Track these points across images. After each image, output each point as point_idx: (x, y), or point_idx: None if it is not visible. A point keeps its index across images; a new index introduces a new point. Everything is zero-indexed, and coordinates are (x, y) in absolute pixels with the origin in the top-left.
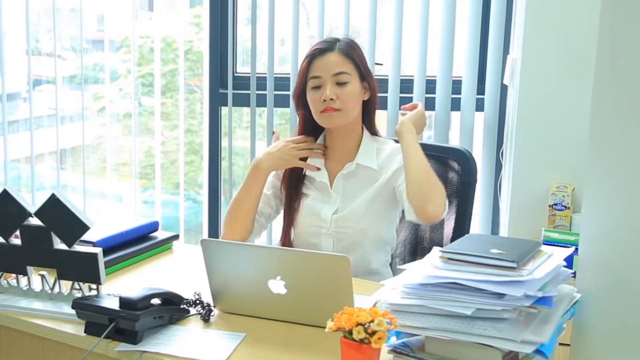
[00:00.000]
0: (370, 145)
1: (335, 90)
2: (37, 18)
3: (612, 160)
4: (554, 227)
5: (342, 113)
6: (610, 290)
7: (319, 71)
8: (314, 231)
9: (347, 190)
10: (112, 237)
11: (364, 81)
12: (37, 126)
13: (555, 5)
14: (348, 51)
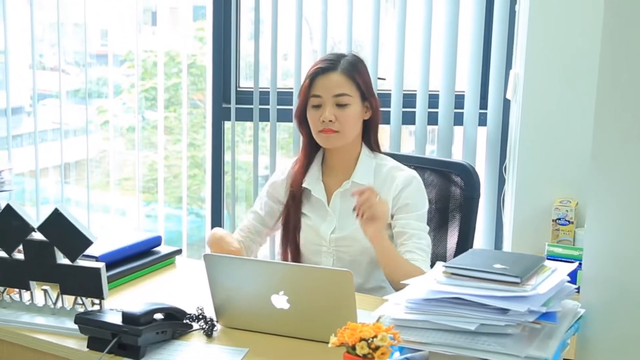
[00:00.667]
0: (368, 162)
1: (334, 111)
2: (41, 33)
3: (615, 175)
4: (558, 241)
5: (340, 135)
6: (614, 305)
7: (320, 90)
8: (315, 249)
9: (343, 209)
10: (114, 252)
11: (365, 101)
12: (41, 140)
13: (557, 21)
14: (351, 71)
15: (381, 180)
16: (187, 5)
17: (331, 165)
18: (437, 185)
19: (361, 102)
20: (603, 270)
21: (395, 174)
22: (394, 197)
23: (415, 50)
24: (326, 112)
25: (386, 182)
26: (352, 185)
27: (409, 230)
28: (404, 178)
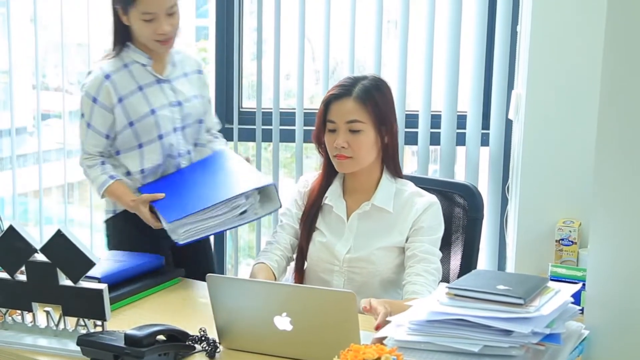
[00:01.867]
0: (389, 186)
1: (347, 137)
2: (44, 53)
3: (618, 195)
4: (561, 262)
5: (354, 160)
6: (618, 326)
7: (334, 116)
8: (326, 267)
9: (361, 231)
10: (117, 273)
11: (382, 126)
12: (44, 160)
13: (558, 41)
14: (364, 98)
15: (401, 204)
16: (189, 25)
17: (351, 187)
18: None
19: (376, 128)
20: (607, 291)
21: (415, 200)
22: (413, 221)
23: (417, 70)
24: (339, 139)
25: (405, 207)
26: (372, 207)
27: (419, 254)
28: (423, 203)
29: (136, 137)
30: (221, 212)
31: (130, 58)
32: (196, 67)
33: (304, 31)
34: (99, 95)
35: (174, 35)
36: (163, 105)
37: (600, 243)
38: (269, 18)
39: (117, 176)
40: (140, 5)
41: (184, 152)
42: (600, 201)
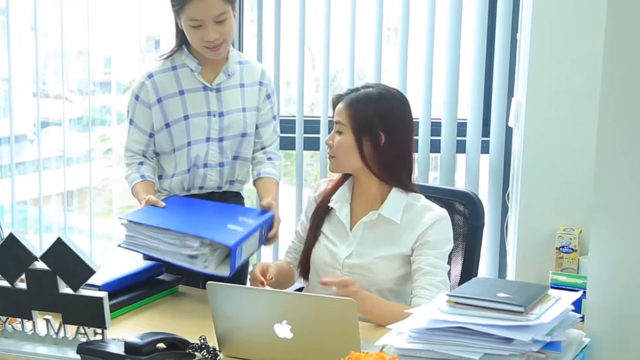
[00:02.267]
0: (399, 198)
1: (333, 136)
2: (44, 61)
3: (619, 203)
4: (562, 270)
5: (336, 160)
6: (619, 334)
7: (335, 116)
8: (328, 272)
9: (365, 239)
10: (117, 281)
11: (362, 134)
12: (44, 168)
13: (558, 48)
14: (349, 103)
15: (409, 217)
16: None
17: (359, 194)
18: None
19: (355, 133)
20: (607, 298)
21: (424, 214)
22: (419, 234)
23: (417, 78)
24: (328, 136)
25: (414, 220)
26: (379, 217)
27: (424, 267)
28: (431, 217)
29: (171, 140)
30: (170, 241)
31: (182, 61)
32: (258, 79)
33: (304, 39)
34: (140, 93)
35: (225, 42)
36: (200, 113)
37: (600, 250)
38: (269, 25)
39: (147, 176)
40: (187, 11)
41: (213, 164)
42: (600, 208)
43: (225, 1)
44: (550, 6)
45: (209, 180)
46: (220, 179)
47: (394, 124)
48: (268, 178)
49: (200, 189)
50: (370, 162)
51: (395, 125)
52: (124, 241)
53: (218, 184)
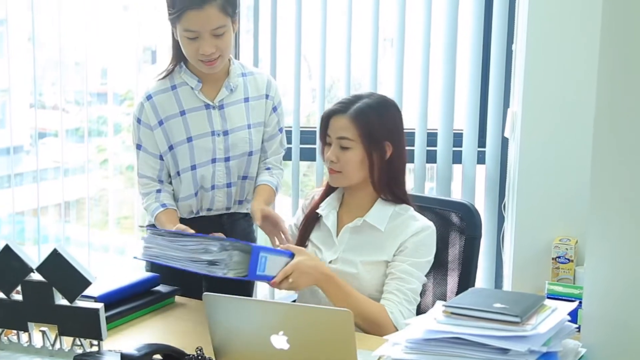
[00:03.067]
0: (385, 207)
1: (337, 152)
2: (41, 72)
3: (614, 213)
4: (558, 280)
5: (342, 175)
6: (615, 344)
7: (329, 130)
8: None
9: (350, 244)
10: (113, 292)
11: (371, 146)
12: (41, 179)
13: (554, 59)
14: (356, 116)
15: (394, 226)
16: None
17: (349, 202)
18: (438, 225)
19: (365, 147)
20: (603, 308)
21: (409, 223)
22: (401, 242)
23: (413, 89)
24: (329, 153)
25: (398, 228)
26: (363, 223)
27: (396, 272)
28: (415, 227)
29: (175, 163)
30: (190, 246)
31: (181, 79)
32: (263, 92)
33: (300, 49)
34: (141, 116)
35: (221, 57)
36: (204, 133)
37: (596, 261)
38: (265, 36)
39: (168, 205)
40: (184, 21)
41: (221, 185)
42: (596, 219)
43: (225, 14)
44: (545, 17)
45: (217, 202)
46: (229, 200)
47: (397, 134)
48: (263, 185)
49: (209, 211)
50: (376, 175)
51: (398, 134)
52: (142, 253)
53: (226, 204)
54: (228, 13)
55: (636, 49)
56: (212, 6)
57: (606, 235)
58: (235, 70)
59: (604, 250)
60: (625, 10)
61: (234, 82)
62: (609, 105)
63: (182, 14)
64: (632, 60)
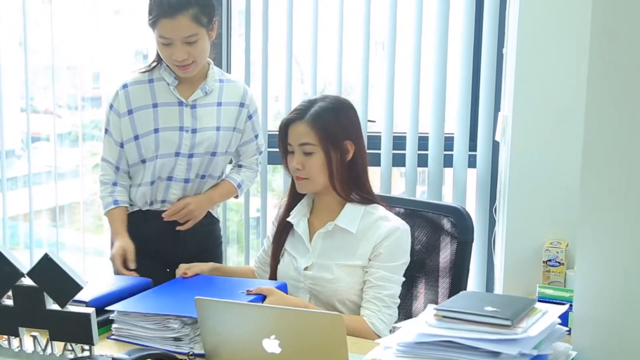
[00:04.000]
0: (355, 209)
1: (301, 159)
2: (33, 76)
3: (604, 216)
4: (549, 283)
5: (310, 181)
6: (606, 347)
7: (290, 139)
8: (293, 284)
9: (323, 249)
10: (105, 296)
11: (331, 147)
12: (34, 183)
13: (544, 63)
14: (314, 121)
15: (366, 227)
16: None
17: (319, 207)
18: (430, 229)
19: (328, 150)
20: (594, 311)
21: (381, 224)
22: (374, 246)
23: (404, 92)
24: (293, 161)
25: (370, 230)
26: (335, 228)
27: (373, 280)
28: (387, 229)
29: (138, 152)
30: (152, 326)
31: (160, 75)
32: (238, 100)
33: (292, 53)
34: (114, 102)
35: (195, 63)
36: (172, 127)
37: (587, 264)
38: (257, 40)
39: (120, 202)
40: (158, 28)
41: (179, 179)
42: (586, 222)
43: (198, 24)
44: (535, 21)
45: (171, 194)
46: (183, 194)
47: (355, 132)
48: (223, 180)
49: (163, 204)
50: (338, 177)
51: (356, 132)
52: (114, 334)
53: (180, 199)
54: (201, 23)
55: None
56: (184, 16)
57: (596, 239)
58: (213, 75)
59: (594, 253)
60: (614, 15)
61: (210, 85)
62: (598, 109)
63: (157, 21)
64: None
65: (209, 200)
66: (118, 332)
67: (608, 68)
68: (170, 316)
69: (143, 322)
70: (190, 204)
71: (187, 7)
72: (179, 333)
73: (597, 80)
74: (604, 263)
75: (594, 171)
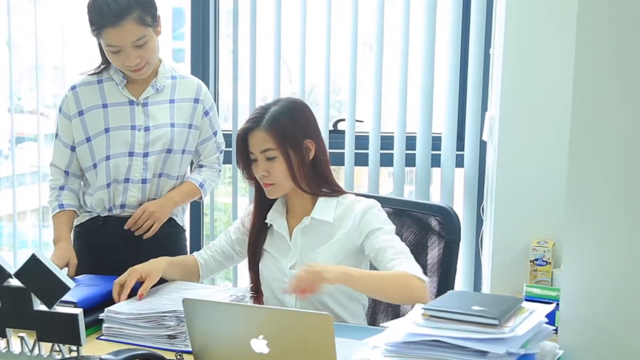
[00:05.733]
0: (328, 200)
1: (265, 166)
2: (19, 76)
3: (590, 215)
4: (536, 282)
5: (277, 186)
6: (592, 346)
7: (251, 147)
8: (279, 286)
9: (305, 245)
10: (93, 297)
11: (290, 148)
12: (19, 184)
13: (531, 63)
14: (269, 126)
15: (340, 213)
16: (165, 48)
17: (292, 207)
18: (418, 228)
19: (288, 152)
20: (580, 310)
21: (354, 207)
22: (356, 226)
23: (392, 92)
24: (258, 169)
25: (345, 215)
26: (312, 221)
27: (380, 246)
28: (362, 206)
29: (91, 154)
30: (145, 324)
31: (109, 75)
32: (192, 96)
33: (280, 53)
34: (63, 105)
35: (148, 64)
36: (123, 126)
37: (573, 263)
38: (245, 40)
39: (66, 206)
40: (104, 38)
41: (136, 180)
42: (572, 221)
43: (144, 25)
44: (522, 22)
45: (129, 197)
46: (142, 196)
47: (313, 129)
48: (185, 181)
49: (122, 209)
50: (301, 176)
51: (314, 129)
52: (104, 333)
53: (140, 200)
54: (147, 23)
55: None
56: (128, 21)
57: (583, 238)
58: (164, 72)
59: (580, 253)
60: (600, 15)
61: (162, 82)
62: (584, 109)
63: (101, 30)
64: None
65: (170, 200)
66: (108, 331)
67: (594, 68)
68: (166, 313)
69: (135, 321)
70: (149, 206)
71: (130, 11)
72: (175, 330)
73: (583, 80)
74: (590, 262)
75: (580, 171)
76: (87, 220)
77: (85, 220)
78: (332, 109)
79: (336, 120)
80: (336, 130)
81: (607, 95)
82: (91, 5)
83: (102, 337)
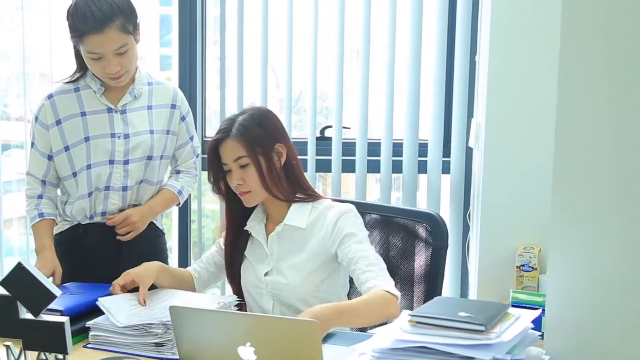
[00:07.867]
0: (303, 206)
1: (240, 174)
2: (6, 83)
3: (575, 221)
4: (522, 288)
5: (253, 194)
6: (578, 351)
7: (224, 159)
8: (257, 292)
9: (280, 251)
10: (79, 305)
11: (260, 154)
12: (5, 191)
13: (517, 70)
14: (241, 134)
15: (313, 219)
16: (153, 54)
17: (269, 213)
18: (405, 235)
19: (261, 158)
20: (566, 316)
21: (327, 212)
22: (329, 233)
23: (379, 99)
24: (233, 178)
25: (318, 221)
26: (284, 227)
27: (353, 255)
28: (335, 212)
29: (70, 163)
30: (134, 333)
31: (85, 83)
32: (168, 101)
33: (267, 60)
34: (39, 114)
35: (127, 72)
36: (103, 134)
37: (558, 269)
38: (232, 47)
39: (46, 214)
40: (86, 44)
41: (117, 187)
42: (558, 227)
43: (126, 33)
44: (507, 28)
45: (110, 205)
46: (123, 203)
47: (282, 134)
48: (163, 188)
49: (103, 216)
50: (271, 184)
51: (283, 134)
52: (90, 342)
53: (120, 207)
54: (129, 31)
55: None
56: (111, 28)
57: (568, 244)
58: (141, 78)
59: (565, 258)
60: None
61: (139, 89)
62: (569, 114)
63: (83, 37)
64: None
65: (151, 211)
66: (95, 339)
67: (578, 74)
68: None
69: (122, 329)
70: (132, 215)
71: (113, 19)
72: (162, 338)
73: (567, 85)
74: (576, 268)
75: (565, 177)
76: (67, 229)
77: (66, 228)
78: (319, 116)
79: (323, 127)
80: (323, 137)
81: (591, 101)
82: (73, 11)
83: (89, 345)
